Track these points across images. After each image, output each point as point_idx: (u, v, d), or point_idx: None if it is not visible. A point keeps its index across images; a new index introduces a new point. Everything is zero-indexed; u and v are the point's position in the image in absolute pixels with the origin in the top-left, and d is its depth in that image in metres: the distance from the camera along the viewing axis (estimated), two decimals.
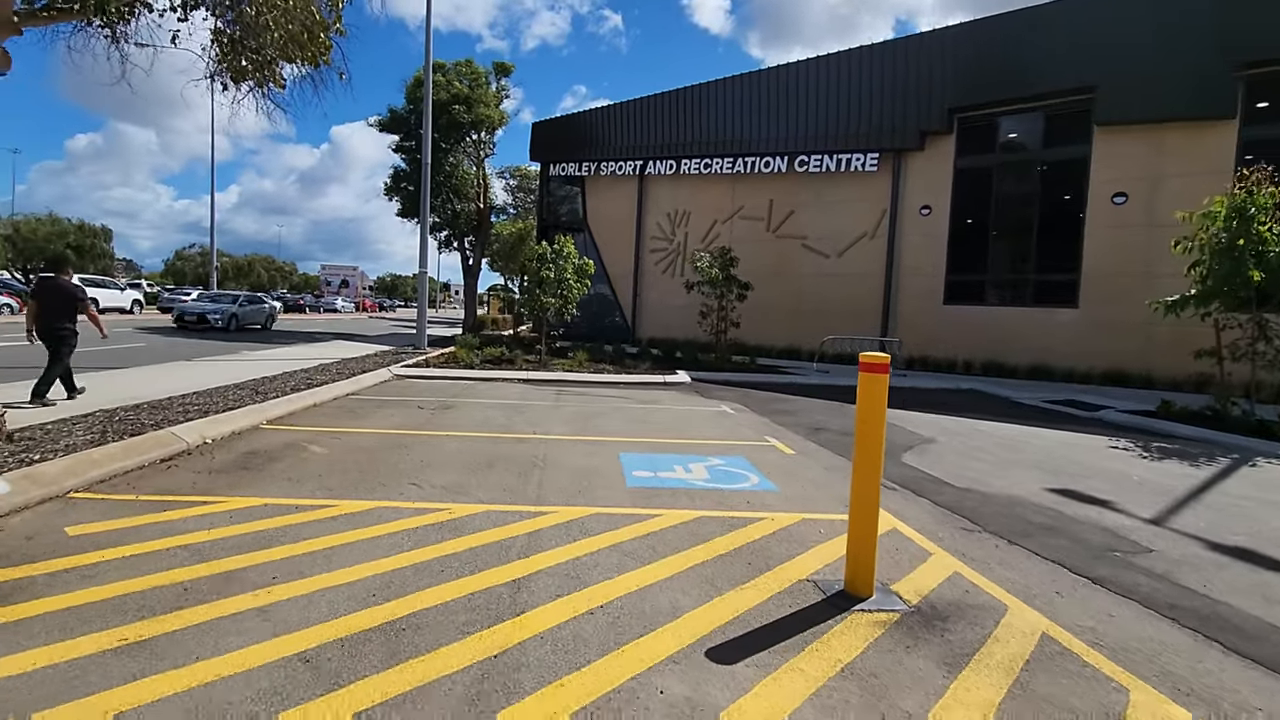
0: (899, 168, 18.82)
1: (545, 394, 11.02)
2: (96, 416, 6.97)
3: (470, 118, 25.72)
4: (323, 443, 6.63)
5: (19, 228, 37.03)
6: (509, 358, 15.01)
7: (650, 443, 7.38)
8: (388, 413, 8.55)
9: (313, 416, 8.09)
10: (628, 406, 10.05)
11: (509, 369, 13.62)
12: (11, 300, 25.57)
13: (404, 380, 12.06)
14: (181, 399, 8.30)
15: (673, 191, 23.69)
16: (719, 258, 16.37)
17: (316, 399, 9.03)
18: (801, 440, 7.99)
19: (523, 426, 8.00)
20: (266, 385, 9.90)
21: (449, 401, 9.70)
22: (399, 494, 5.01)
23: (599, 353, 17.13)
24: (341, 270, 66.93)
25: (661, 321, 23.57)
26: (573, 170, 26.25)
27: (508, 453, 6.56)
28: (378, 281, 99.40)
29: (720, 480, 5.87)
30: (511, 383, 12.38)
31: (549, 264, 15.13)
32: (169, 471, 5.36)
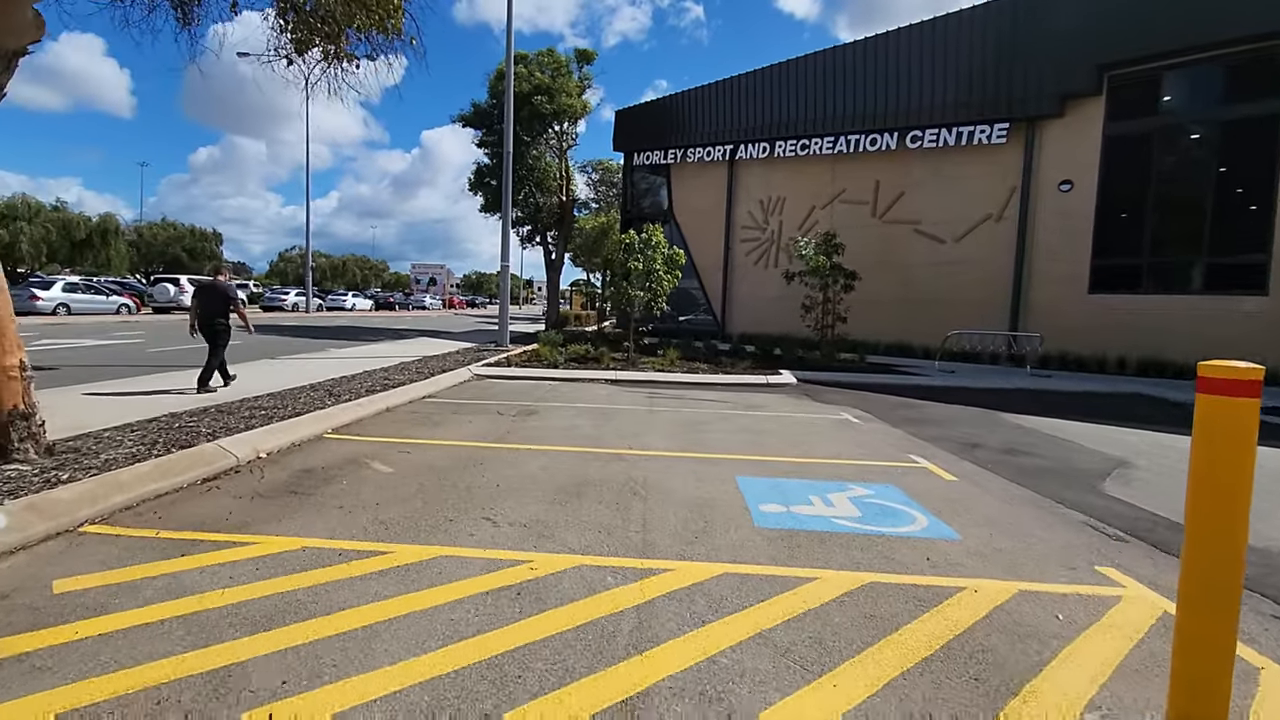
0: (1032, 138, 16.48)
1: (636, 398, 9.87)
2: (160, 421, 6.40)
3: (552, 108, 25.00)
4: (388, 458, 5.70)
5: (142, 233, 39.73)
6: (594, 356, 14.00)
7: (770, 462, 6.06)
8: (464, 420, 7.61)
9: (382, 424, 7.24)
10: (732, 414, 8.73)
11: (595, 368, 12.58)
12: (130, 300, 27.02)
13: (484, 381, 11.23)
14: (253, 401, 7.70)
15: (765, 176, 22.07)
16: (824, 244, 14.73)
17: (389, 403, 8.23)
18: (956, 460, 6.43)
19: (614, 439, 6.85)
20: (341, 386, 9.25)
21: (531, 406, 8.70)
22: (469, 534, 3.94)
23: (689, 350, 15.87)
24: (430, 268, 68.78)
25: (753, 316, 22.04)
26: (658, 159, 25.05)
27: (600, 474, 5.41)
28: (463, 279, 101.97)
29: (876, 519, 4.49)
30: (598, 384, 11.31)
31: (637, 254, 14.00)
32: (207, 495, 4.51)
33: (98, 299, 25.61)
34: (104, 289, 27.14)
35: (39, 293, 23.34)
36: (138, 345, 15.70)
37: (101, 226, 35.77)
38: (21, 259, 32.40)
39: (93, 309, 25.03)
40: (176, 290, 29.72)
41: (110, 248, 36.13)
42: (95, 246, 35.45)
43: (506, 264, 16.53)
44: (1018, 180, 16.69)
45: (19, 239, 31.53)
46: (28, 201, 32.93)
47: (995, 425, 8.54)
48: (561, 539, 3.92)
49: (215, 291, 8.73)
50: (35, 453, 4.87)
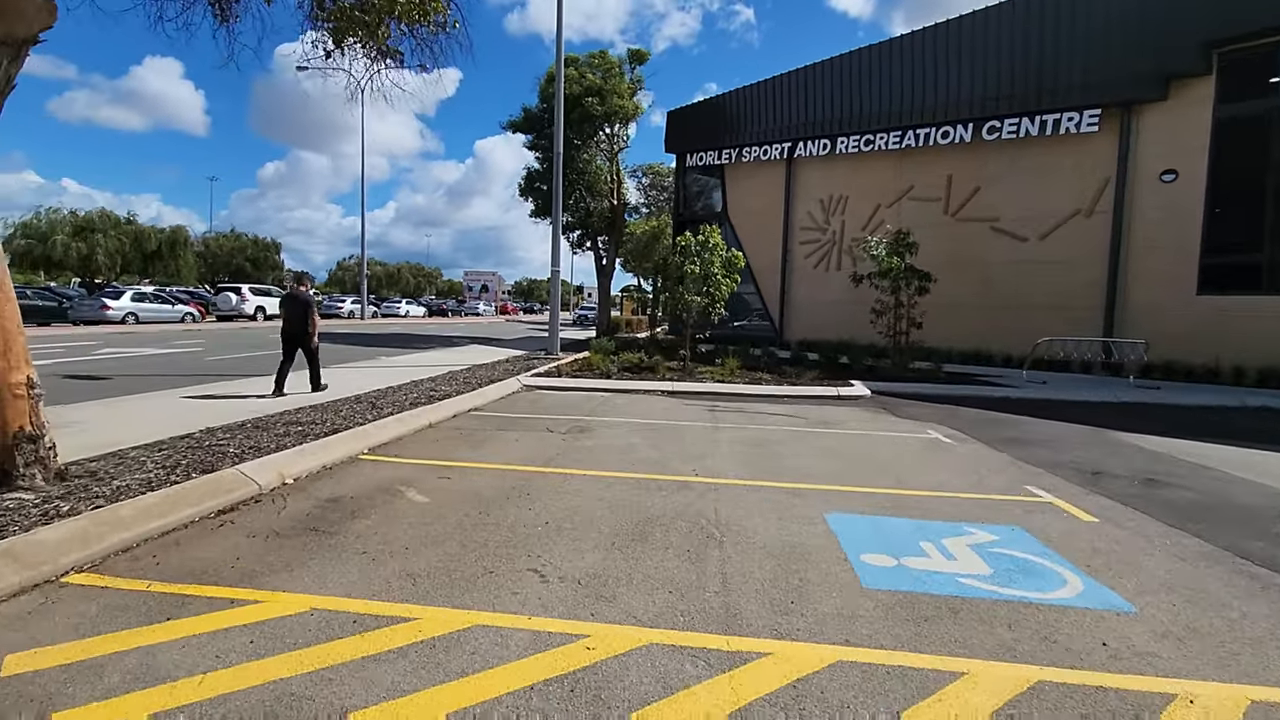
0: (1128, 124, 14.97)
1: (697, 412, 9.07)
2: (194, 438, 5.97)
3: (603, 110, 24.44)
4: (425, 484, 5.06)
5: (209, 244, 41.16)
6: (649, 364, 13.26)
7: (861, 494, 5.17)
8: (511, 438, 6.96)
9: (423, 443, 6.65)
10: (805, 431, 7.84)
11: (650, 378, 11.83)
12: (195, 309, 27.75)
13: (534, 393, 10.61)
14: (292, 414, 7.26)
15: (826, 174, 20.96)
16: (896, 243, 13.62)
17: (432, 417, 7.66)
18: (1085, 493, 5.41)
19: (677, 462, 6.07)
20: (385, 398, 8.76)
21: (584, 422, 8.00)
22: (511, 593, 3.22)
23: (749, 358, 14.97)
24: (482, 275, 69.60)
25: (813, 321, 20.93)
26: (711, 159, 24.21)
27: (664, 508, 4.64)
28: (514, 285, 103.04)
29: (1014, 579, 3.58)
30: (654, 395, 10.55)
31: (693, 257, 13.21)
32: (218, 532, 3.94)
33: (164, 308, 26.33)
34: (171, 298, 27.93)
35: (109, 302, 24.08)
36: (196, 354, 15.78)
37: (171, 238, 37.16)
38: (98, 270, 33.85)
39: (160, 317, 25.73)
40: (238, 299, 30.46)
41: (180, 258, 37.52)
42: (165, 257, 36.84)
43: (557, 269, 15.99)
44: (1111, 171, 15.18)
45: (95, 251, 32.95)
46: (105, 214, 34.47)
47: (1114, 448, 7.39)
48: (625, 602, 3.16)
49: (296, 301, 9.16)
50: (43, 478, 4.41)
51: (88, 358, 14.15)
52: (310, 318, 9.07)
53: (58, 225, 32.65)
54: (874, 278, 13.77)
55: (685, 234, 13.52)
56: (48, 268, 34.27)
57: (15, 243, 31.97)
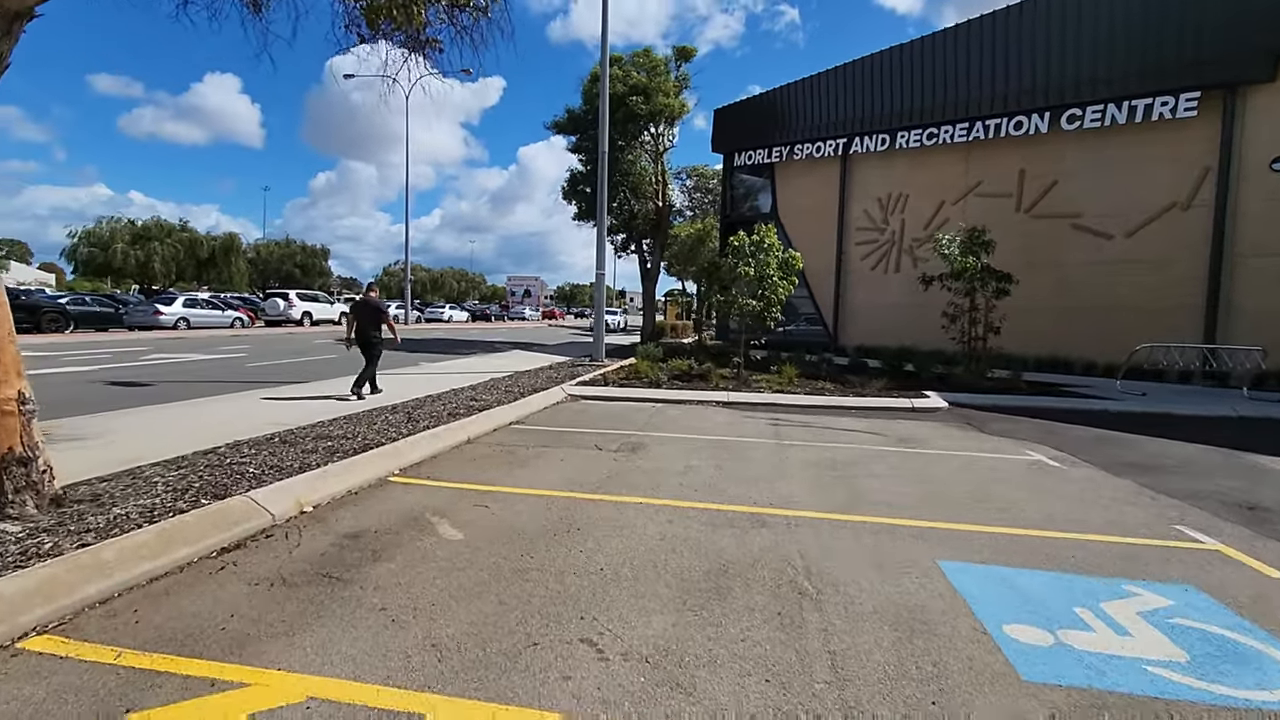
0: (1231, 108, 13.55)
1: (758, 426, 8.25)
2: (217, 454, 5.47)
3: (648, 108, 23.78)
4: (459, 515, 4.40)
5: (260, 251, 42.08)
6: (700, 373, 12.47)
7: (975, 534, 4.30)
8: (556, 457, 6.27)
9: (460, 461, 6.01)
10: (886, 450, 6.94)
11: (703, 388, 11.05)
12: (244, 315, 28.11)
13: (579, 403, 9.95)
14: (324, 427, 6.74)
15: (884, 171, 19.84)
16: (971, 241, 12.52)
17: (471, 431, 7.04)
18: (1253, 536, 4.41)
19: (745, 488, 5.28)
20: (423, 409, 8.21)
21: (636, 438, 7.27)
22: (561, 677, 2.50)
23: (806, 366, 14.04)
24: (525, 280, 69.69)
25: (870, 326, 19.81)
26: (761, 158, 23.29)
27: (740, 552, 3.86)
28: (556, 290, 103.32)
29: (1221, 669, 2.70)
30: (709, 406, 9.77)
31: (747, 258, 12.39)
32: (216, 577, 3.33)
33: (214, 313, 26.72)
34: (222, 304, 28.39)
35: (162, 308, 24.51)
36: (239, 360, 15.65)
37: (224, 245, 38.08)
38: (155, 276, 34.83)
39: (210, 323, 26.11)
40: (286, 305, 30.83)
41: (232, 265, 38.42)
42: (218, 264, 37.77)
43: (602, 272, 15.35)
44: (1212, 160, 13.76)
45: (152, 258, 33.90)
46: (160, 223, 35.50)
47: (1259, 474, 6.30)
48: (709, 695, 2.41)
49: (368, 307, 9.47)
50: (35, 505, 3.90)
51: (136, 363, 14.11)
52: (383, 322, 9.44)
53: (117, 234, 33.73)
54: (945, 279, 12.69)
55: (739, 234, 12.72)
56: (109, 274, 35.43)
57: (80, 250, 33.09)
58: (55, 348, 16.68)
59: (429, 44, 8.24)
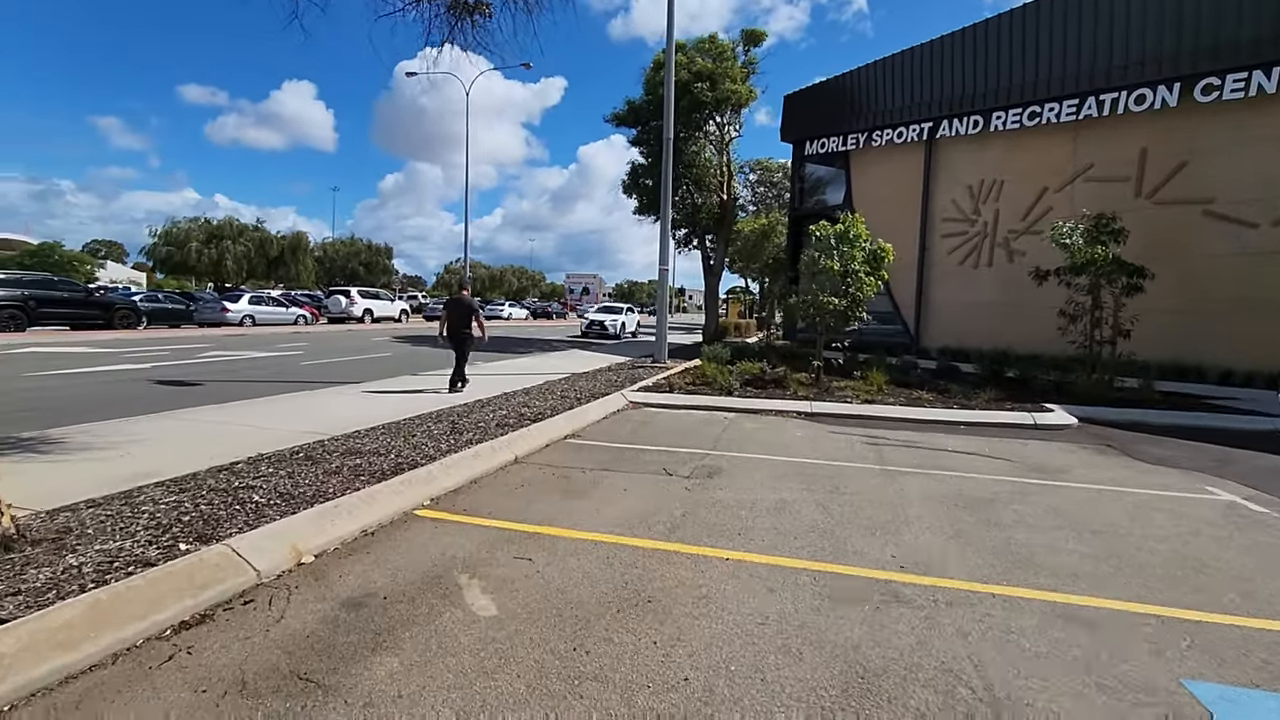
0: None
1: (853, 444, 7.01)
2: (234, 470, 4.68)
3: (714, 95, 22.53)
4: (495, 573, 3.39)
5: (326, 250, 42.90)
6: (774, 377, 11.23)
7: (1217, 629, 3.01)
8: (618, 484, 5.22)
9: (504, 488, 5.04)
10: (1023, 483, 5.60)
11: (779, 395, 9.83)
12: (307, 312, 28.35)
13: (642, 411, 8.90)
14: (356, 441, 5.92)
15: (975, 156, 18.01)
16: (1098, 229, 10.81)
17: (519, 449, 6.07)
18: None
19: (862, 536, 4.10)
20: (469, 417, 7.34)
21: (710, 460, 6.15)
22: None
23: (894, 371, 12.58)
24: (583, 278, 69.53)
25: (956, 326, 18.04)
26: (834, 145, 21.72)
27: (882, 655, 2.71)
28: (615, 288, 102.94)
29: None
30: (789, 418, 8.56)
31: (830, 250, 11.06)
32: (154, 675, 2.41)
33: (279, 310, 27.00)
34: (286, 302, 28.73)
35: (228, 305, 24.84)
36: (294, 358, 15.33)
37: (292, 244, 38.93)
38: (227, 274, 35.83)
39: (274, 320, 26.37)
40: (348, 302, 31.05)
41: (300, 263, 39.24)
42: (286, 262, 38.63)
43: (665, 267, 14.27)
44: None
45: (224, 256, 34.85)
46: (232, 222, 36.52)
47: None
48: None
49: (461, 305, 9.84)
50: None
51: (192, 360, 13.90)
52: (475, 320, 9.71)
53: (192, 233, 34.82)
54: (1064, 273, 11.01)
55: (821, 223, 11.41)
56: (184, 272, 36.66)
57: (159, 249, 34.27)
58: (121, 344, 16.80)
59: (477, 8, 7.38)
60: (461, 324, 9.63)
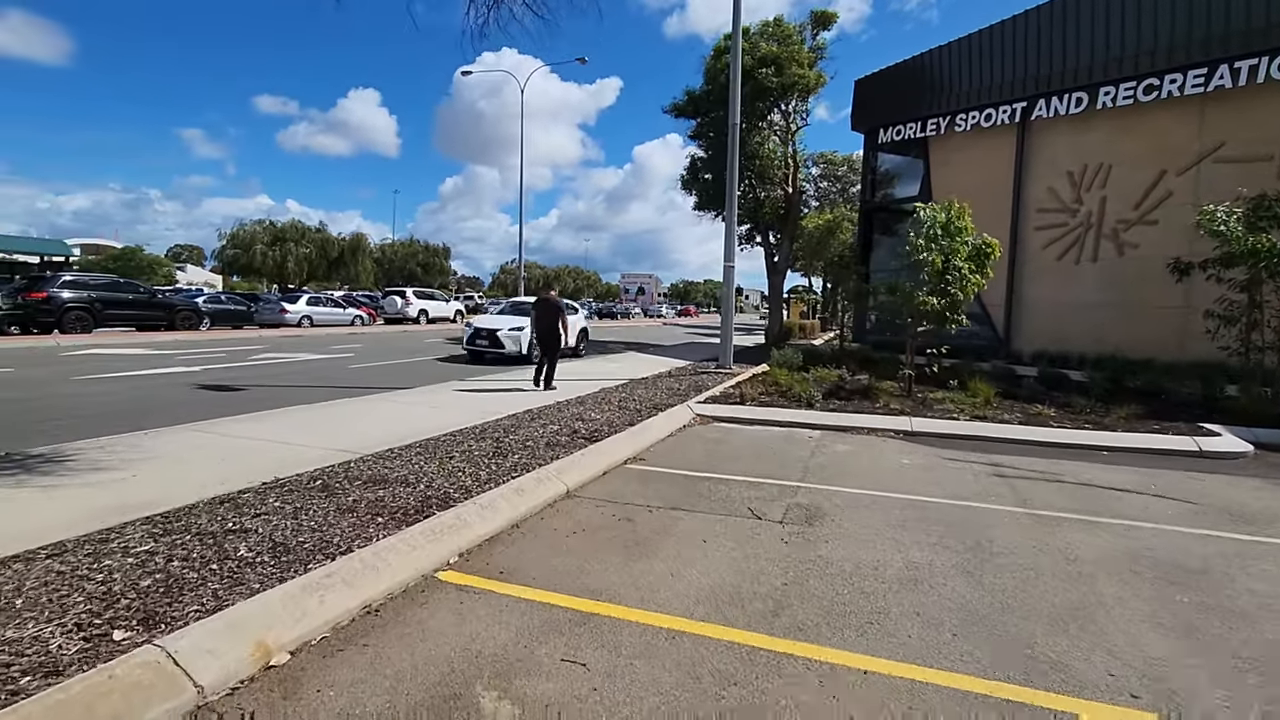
0: None
1: (977, 477, 5.72)
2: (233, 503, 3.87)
3: (779, 81, 21.17)
4: (535, 698, 2.37)
5: (385, 250, 43.37)
6: (855, 386, 9.96)
7: None
8: (695, 535, 4.14)
9: (551, 538, 4.02)
10: (1231, 539, 4.23)
11: (868, 409, 8.56)
12: (363, 313, 28.36)
13: (712, 427, 7.79)
14: (385, 464, 5.03)
15: (1077, 138, 16.11)
16: (1259, 213, 9.09)
17: (572, 479, 5.06)
18: None
19: (1053, 638, 2.90)
20: (515, 434, 6.41)
21: (804, 495, 5.00)
22: None
23: (996, 381, 11.09)
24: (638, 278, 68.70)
25: (1055, 328, 16.17)
26: (911, 132, 20.01)
27: None
28: (670, 288, 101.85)
29: None
30: (885, 438, 7.30)
31: (928, 243, 9.70)
32: None
33: (336, 311, 27.03)
34: (343, 302, 28.80)
35: (287, 306, 24.93)
36: (345, 360, 14.89)
37: (351, 245, 39.44)
38: (289, 275, 36.47)
39: (331, 320, 26.39)
40: (403, 302, 30.98)
41: (359, 264, 39.72)
42: (346, 263, 39.13)
43: (731, 264, 13.10)
44: None
45: (287, 258, 35.47)
46: (295, 224, 37.21)
47: None
48: None
49: (549, 305, 9.92)
50: None
51: (243, 363, 13.58)
52: (561, 320, 9.74)
53: (257, 236, 35.57)
54: (1214, 266, 9.32)
55: (918, 209, 10.08)
56: (250, 274, 37.54)
57: (226, 252, 35.13)
58: (179, 346, 16.75)
59: None
60: (550, 324, 9.68)
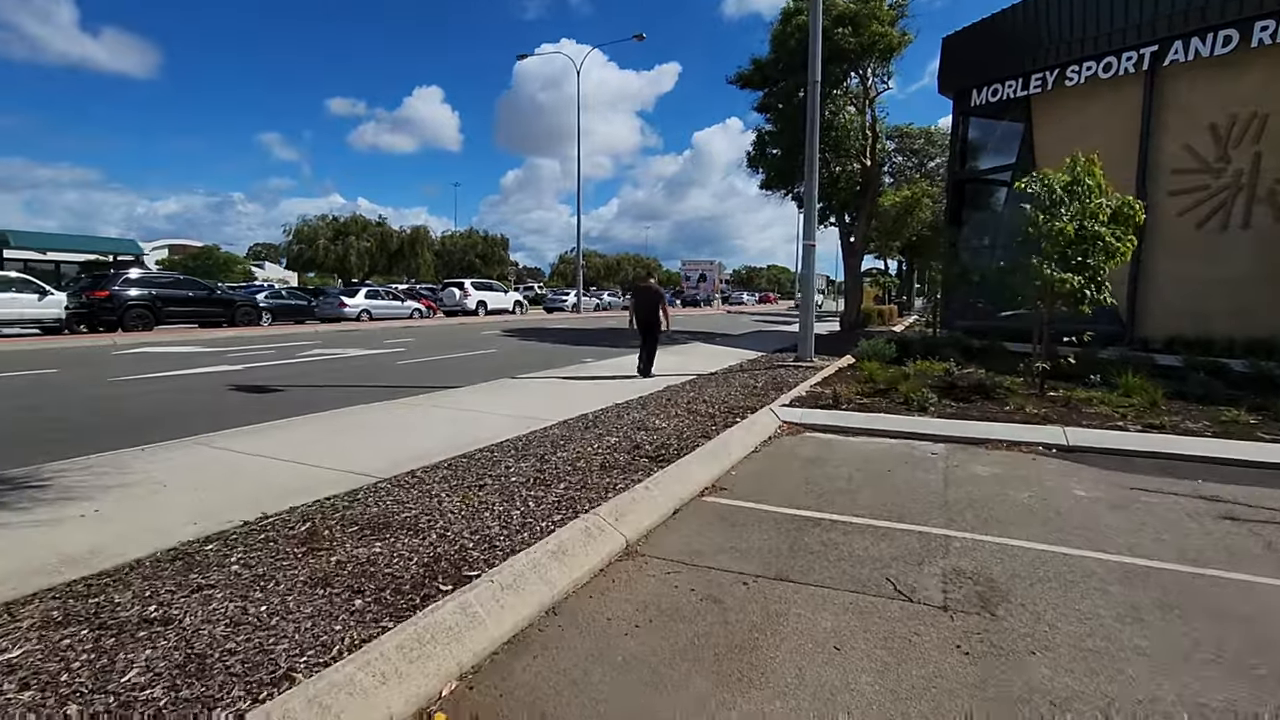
0: None
1: (1204, 525, 4.11)
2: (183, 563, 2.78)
3: (857, 41, 19.17)
4: None
5: (444, 243, 43.30)
6: (970, 381, 8.28)
7: None
8: (816, 635, 2.74)
9: (596, 644, 2.69)
10: None
11: (993, 412, 6.93)
12: (421, 305, 28.01)
13: (806, 439, 6.35)
14: (390, 500, 3.87)
15: (1224, 84, 13.63)
16: None
17: (631, 526, 3.75)
18: None
19: None
20: (563, 449, 5.20)
21: (963, 557, 3.53)
22: None
23: (1163, 380, 9.16)
24: (700, 265, 66.92)
25: (1195, 309, 13.80)
26: (1011, 90, 17.69)
27: None
28: (732, 275, 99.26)
29: None
30: (1035, 454, 5.70)
31: (1055, 207, 7.92)
32: None
33: (394, 304, 26.77)
34: (401, 295, 28.51)
35: (346, 300, 24.75)
36: (393, 356, 14.13)
37: (411, 238, 39.43)
38: (351, 269, 36.69)
39: (390, 314, 26.12)
40: (461, 294, 30.55)
41: (419, 257, 39.71)
42: (406, 256, 39.16)
43: (812, 243, 11.51)
44: None
45: (349, 252, 35.65)
46: (356, 218, 37.35)
47: None
48: None
49: (649, 293, 10.08)
50: None
51: (290, 361, 12.96)
52: (661, 307, 9.83)
53: (320, 230, 35.88)
54: None
55: (1044, 171, 8.32)
56: (313, 269, 38.01)
57: (292, 247, 35.59)
58: (233, 342, 16.42)
59: None
60: (648, 311, 9.80)
